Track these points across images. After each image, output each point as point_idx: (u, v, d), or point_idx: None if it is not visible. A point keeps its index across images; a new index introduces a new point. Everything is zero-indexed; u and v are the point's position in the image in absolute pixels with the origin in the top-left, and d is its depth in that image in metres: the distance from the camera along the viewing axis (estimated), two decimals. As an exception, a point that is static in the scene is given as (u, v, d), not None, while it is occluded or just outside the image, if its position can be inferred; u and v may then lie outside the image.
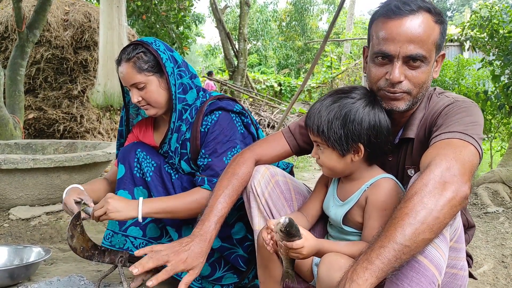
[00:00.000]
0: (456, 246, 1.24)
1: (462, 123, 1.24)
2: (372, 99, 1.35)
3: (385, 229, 1.05)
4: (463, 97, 1.38)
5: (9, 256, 2.10)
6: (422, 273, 1.06)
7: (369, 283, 0.99)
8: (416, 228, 1.02)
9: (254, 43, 24.58)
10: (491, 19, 4.22)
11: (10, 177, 2.81)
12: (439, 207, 1.04)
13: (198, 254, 1.36)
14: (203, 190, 1.69)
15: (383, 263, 1.00)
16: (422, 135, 1.37)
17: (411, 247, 1.02)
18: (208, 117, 1.76)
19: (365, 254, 1.03)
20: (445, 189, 1.06)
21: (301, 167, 6.53)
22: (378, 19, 1.33)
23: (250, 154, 1.55)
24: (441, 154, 1.13)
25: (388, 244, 1.01)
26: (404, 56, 1.27)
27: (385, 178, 1.35)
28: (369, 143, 1.31)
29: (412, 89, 1.31)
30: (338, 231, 1.45)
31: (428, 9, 1.28)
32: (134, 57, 1.70)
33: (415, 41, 1.26)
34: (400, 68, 1.28)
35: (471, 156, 1.15)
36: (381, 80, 1.33)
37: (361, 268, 1.01)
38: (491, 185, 3.75)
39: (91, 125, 5.65)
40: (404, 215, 1.04)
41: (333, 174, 1.41)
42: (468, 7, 26.80)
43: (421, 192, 1.06)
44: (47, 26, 5.37)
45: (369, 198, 1.33)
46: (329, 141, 1.31)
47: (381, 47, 1.29)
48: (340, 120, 1.30)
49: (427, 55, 1.28)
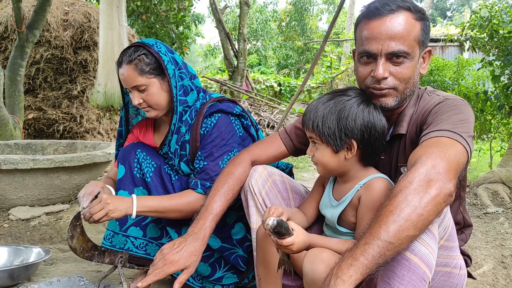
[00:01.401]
0: (448, 245, 1.26)
1: (451, 121, 1.26)
2: (367, 97, 1.38)
3: (370, 226, 1.07)
4: (454, 95, 1.40)
5: (9, 257, 2.10)
6: (412, 271, 1.08)
7: (354, 279, 1.01)
8: (400, 225, 1.04)
9: (253, 43, 24.57)
10: (491, 19, 4.23)
11: (10, 178, 2.81)
12: (423, 204, 1.06)
13: (191, 253, 1.39)
14: (196, 193, 1.70)
15: (367, 259, 1.02)
16: (414, 133, 1.39)
17: (395, 244, 1.03)
18: (208, 119, 1.76)
19: (350, 251, 1.05)
20: (430, 186, 1.08)
21: (300, 167, 6.53)
22: (361, 21, 1.39)
23: (246, 154, 1.59)
24: (428, 152, 1.15)
25: (373, 241, 1.03)
26: (387, 53, 1.32)
27: (378, 177, 1.36)
28: (362, 140, 1.33)
29: (398, 84, 1.35)
30: (333, 231, 1.46)
31: (408, 7, 1.33)
32: (135, 59, 1.70)
33: (396, 38, 1.30)
34: (383, 65, 1.33)
35: (458, 155, 1.17)
36: (368, 78, 1.37)
37: (346, 265, 1.03)
38: (491, 186, 3.75)
39: (91, 125, 5.65)
40: (389, 212, 1.06)
41: (327, 172, 1.43)
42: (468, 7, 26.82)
43: (405, 190, 1.08)
44: (47, 26, 5.37)
45: (361, 198, 1.34)
46: (323, 136, 1.34)
47: (364, 46, 1.35)
48: (334, 115, 1.33)
49: (409, 51, 1.32)
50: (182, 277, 1.38)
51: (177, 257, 1.36)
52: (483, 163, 6.32)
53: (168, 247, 1.39)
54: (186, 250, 1.38)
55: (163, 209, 1.67)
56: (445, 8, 37.77)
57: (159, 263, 1.36)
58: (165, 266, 1.35)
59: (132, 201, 1.61)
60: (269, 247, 1.44)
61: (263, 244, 1.46)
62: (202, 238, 1.42)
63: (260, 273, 1.50)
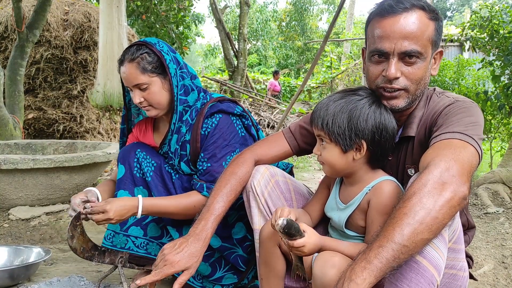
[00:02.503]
0: (455, 247, 1.24)
1: (462, 124, 1.24)
2: (378, 98, 1.36)
3: (384, 229, 1.05)
4: (464, 97, 1.38)
5: (9, 257, 2.10)
6: (421, 274, 1.07)
7: (368, 282, 1.00)
8: (414, 228, 1.02)
9: (254, 43, 24.57)
10: (491, 19, 4.22)
11: (10, 177, 2.81)
12: (438, 207, 1.04)
13: (192, 254, 1.37)
14: (202, 196, 1.70)
15: (381, 262, 1.01)
16: (422, 135, 1.37)
17: (410, 247, 1.02)
18: (209, 119, 1.76)
19: (364, 254, 1.04)
20: (444, 189, 1.06)
21: (301, 167, 6.53)
22: (373, 19, 1.35)
23: (250, 154, 1.56)
24: (441, 154, 1.14)
25: (387, 244, 1.02)
26: (399, 52, 1.29)
27: (386, 180, 1.34)
28: (373, 141, 1.31)
29: (409, 85, 1.33)
30: (340, 234, 1.44)
31: (422, 6, 1.30)
32: (138, 58, 1.70)
33: (409, 37, 1.27)
34: (396, 65, 1.30)
35: (470, 157, 1.15)
36: (379, 78, 1.34)
37: (360, 268, 1.01)
38: (491, 186, 3.75)
39: (91, 125, 5.64)
40: (403, 215, 1.04)
41: (333, 172, 1.40)
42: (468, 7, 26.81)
43: (420, 192, 1.06)
44: (47, 26, 5.36)
45: (371, 202, 1.32)
46: (333, 135, 1.31)
47: (376, 45, 1.32)
48: (345, 114, 1.30)
49: (423, 51, 1.29)
50: (182, 278, 1.37)
51: (177, 258, 1.35)
52: (483, 163, 6.31)
53: (169, 247, 1.38)
54: (187, 251, 1.37)
55: (168, 211, 1.68)
56: (445, 8, 37.76)
57: (160, 264, 1.36)
58: (165, 267, 1.34)
59: (138, 201, 1.62)
60: (272, 248, 1.43)
61: (266, 245, 1.44)
62: (204, 239, 1.40)
63: (262, 274, 1.49)
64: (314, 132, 1.39)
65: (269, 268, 1.46)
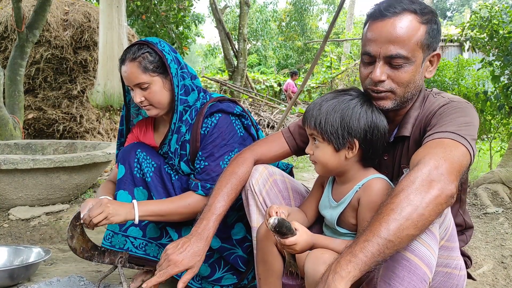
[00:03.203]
0: (448, 245, 1.26)
1: (456, 124, 1.25)
2: (369, 98, 1.38)
3: (371, 224, 1.07)
4: (459, 97, 1.40)
5: (9, 257, 2.10)
6: (413, 272, 1.08)
7: (352, 275, 1.02)
8: (400, 224, 1.04)
9: (253, 43, 24.56)
10: (491, 20, 4.23)
11: (10, 177, 2.81)
12: (425, 204, 1.06)
13: (195, 253, 1.39)
14: (196, 195, 1.70)
15: (366, 256, 1.02)
16: (417, 135, 1.39)
17: (395, 242, 1.03)
18: (208, 119, 1.76)
19: (350, 248, 1.06)
20: (431, 187, 1.08)
21: (301, 167, 6.53)
22: (368, 21, 1.38)
23: (249, 154, 1.58)
24: (431, 153, 1.15)
25: (372, 238, 1.03)
26: (385, 56, 1.31)
27: (376, 178, 1.36)
28: (365, 140, 1.33)
29: (396, 88, 1.34)
30: (333, 232, 1.46)
31: (414, 10, 1.31)
32: (139, 57, 1.70)
33: (395, 42, 1.29)
34: (381, 68, 1.32)
35: (461, 157, 1.17)
36: (367, 79, 1.37)
37: (345, 261, 1.03)
38: (490, 186, 3.75)
39: (91, 125, 5.64)
40: (390, 210, 1.06)
41: (326, 171, 1.42)
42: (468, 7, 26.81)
43: (407, 189, 1.08)
44: (47, 26, 5.36)
45: (361, 200, 1.34)
46: (326, 134, 1.33)
47: (366, 47, 1.35)
48: (338, 113, 1.33)
49: (409, 55, 1.30)
50: (186, 277, 1.38)
51: (181, 257, 1.37)
52: (483, 163, 6.32)
53: (172, 247, 1.40)
54: (190, 250, 1.39)
55: (164, 213, 1.67)
56: (445, 8, 37.76)
57: (164, 264, 1.37)
58: (169, 267, 1.36)
59: (133, 206, 1.62)
60: (269, 247, 1.44)
61: (263, 244, 1.46)
62: (206, 238, 1.42)
63: (260, 273, 1.51)
64: (307, 132, 1.41)
65: (266, 266, 1.47)
